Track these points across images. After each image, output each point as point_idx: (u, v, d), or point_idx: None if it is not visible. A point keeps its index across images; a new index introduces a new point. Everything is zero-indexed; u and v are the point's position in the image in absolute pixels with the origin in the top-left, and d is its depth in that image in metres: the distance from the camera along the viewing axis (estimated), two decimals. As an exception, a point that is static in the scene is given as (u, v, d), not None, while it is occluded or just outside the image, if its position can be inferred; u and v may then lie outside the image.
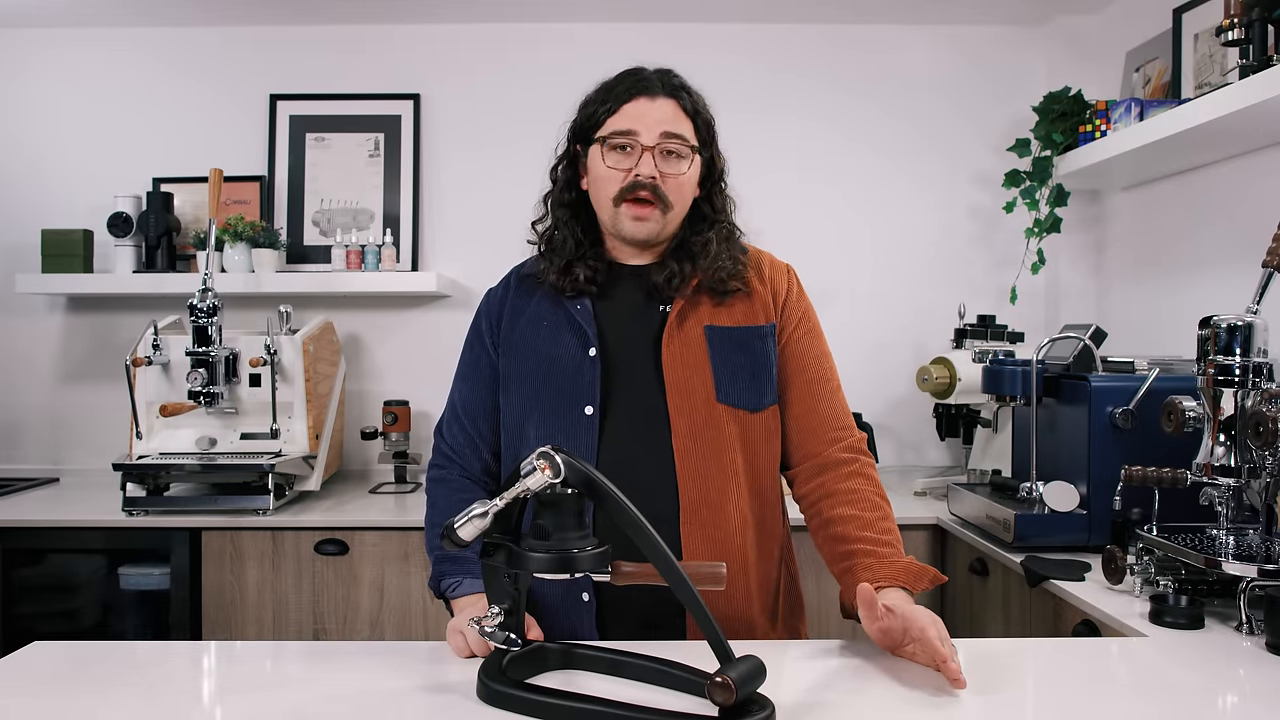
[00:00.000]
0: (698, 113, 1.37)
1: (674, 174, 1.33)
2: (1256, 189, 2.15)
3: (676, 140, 1.33)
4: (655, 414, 1.32)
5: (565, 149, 1.42)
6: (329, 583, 2.27)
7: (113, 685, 1.10)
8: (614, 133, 1.33)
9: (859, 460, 1.37)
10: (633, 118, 1.32)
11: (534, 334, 1.38)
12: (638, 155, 1.31)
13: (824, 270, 2.88)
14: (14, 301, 2.90)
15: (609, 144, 1.33)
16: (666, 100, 1.34)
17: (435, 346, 2.89)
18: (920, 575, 1.25)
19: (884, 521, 1.31)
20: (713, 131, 1.40)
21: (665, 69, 1.38)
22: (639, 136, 1.31)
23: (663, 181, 1.32)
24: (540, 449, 1.00)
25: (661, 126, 1.32)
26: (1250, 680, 1.18)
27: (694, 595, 0.96)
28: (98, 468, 2.75)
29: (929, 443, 2.89)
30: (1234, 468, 1.48)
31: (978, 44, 2.93)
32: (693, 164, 1.35)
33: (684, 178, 1.34)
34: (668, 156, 1.33)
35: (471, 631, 1.16)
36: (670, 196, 1.33)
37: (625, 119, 1.33)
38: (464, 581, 1.31)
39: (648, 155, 1.31)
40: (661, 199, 1.32)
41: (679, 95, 1.35)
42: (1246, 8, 1.86)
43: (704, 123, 1.38)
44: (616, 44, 2.88)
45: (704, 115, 1.38)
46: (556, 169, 1.42)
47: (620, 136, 1.32)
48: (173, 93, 2.93)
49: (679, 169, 1.33)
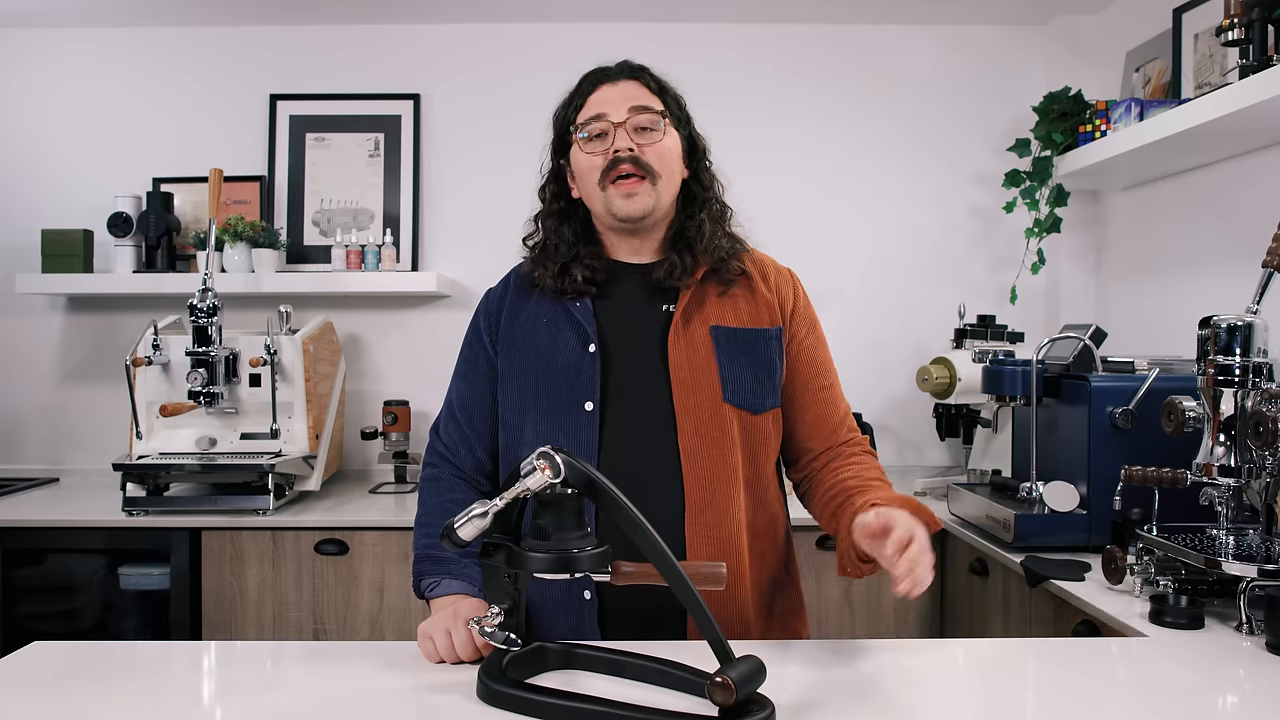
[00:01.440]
0: (664, 90, 1.40)
1: (650, 143, 1.34)
2: (1256, 189, 2.15)
3: (646, 112, 1.35)
4: (659, 412, 1.32)
5: (550, 166, 1.44)
6: (329, 583, 2.27)
7: (113, 685, 1.10)
8: (585, 121, 1.35)
9: (861, 447, 1.43)
10: (599, 104, 1.35)
11: (534, 331, 1.38)
12: (611, 135, 1.33)
13: (824, 270, 2.88)
14: (14, 301, 2.90)
15: (583, 133, 1.35)
16: (629, 81, 1.37)
17: (435, 346, 2.88)
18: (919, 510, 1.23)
19: (884, 481, 1.34)
20: (684, 109, 1.42)
21: (624, 59, 1.41)
22: (608, 116, 1.34)
23: (641, 152, 1.33)
24: (540, 449, 1.00)
25: (628, 103, 1.34)
26: (1250, 680, 1.18)
27: (694, 595, 0.96)
28: (98, 468, 2.75)
29: (929, 443, 2.89)
30: (1234, 468, 1.48)
31: (978, 44, 2.93)
32: (668, 134, 1.37)
33: (662, 145, 1.35)
34: (641, 131, 1.34)
35: (442, 637, 1.17)
36: (654, 165, 1.34)
37: (592, 107, 1.36)
38: (442, 581, 1.30)
39: (621, 131, 1.33)
40: (646, 169, 1.33)
41: (640, 75, 1.39)
42: (1246, 8, 1.86)
43: (672, 99, 1.40)
44: (616, 44, 2.83)
45: (671, 93, 1.41)
46: (544, 189, 1.45)
47: (592, 123, 1.35)
48: (173, 93, 2.93)
49: (654, 138, 1.35)
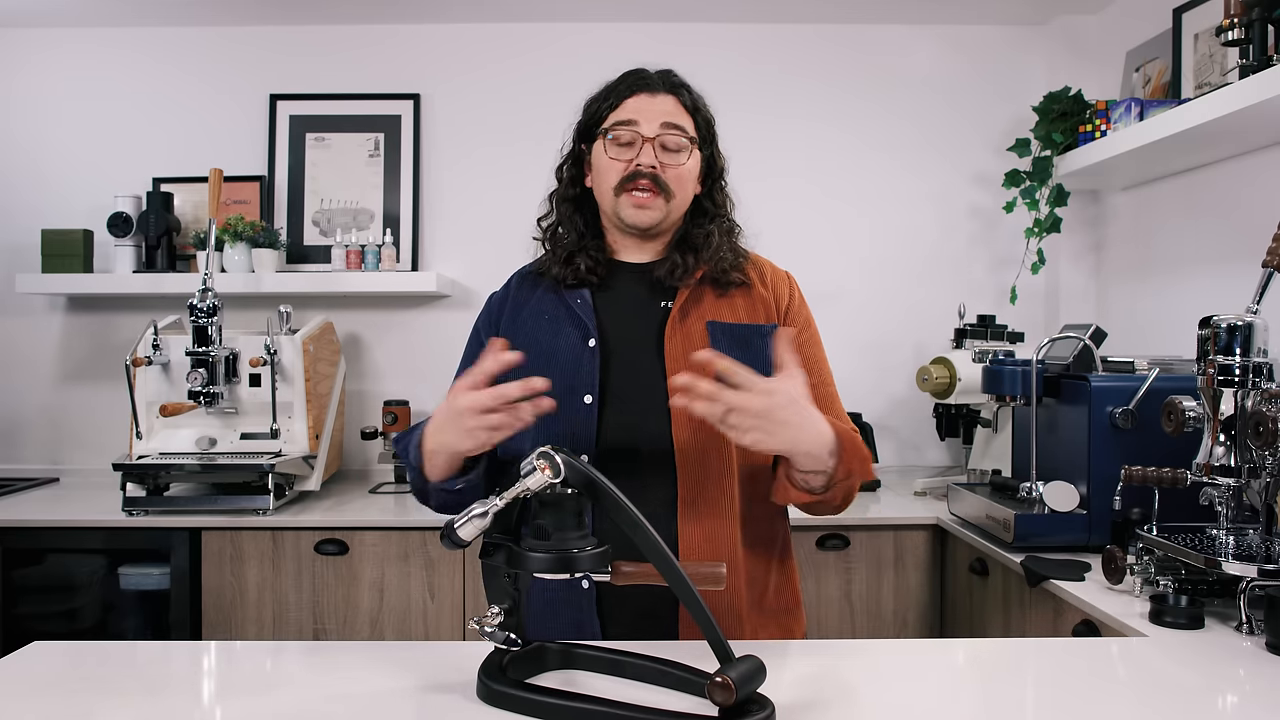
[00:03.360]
0: (697, 110, 1.41)
1: (674, 165, 1.36)
2: (1256, 189, 2.15)
3: (676, 132, 1.36)
4: (656, 405, 1.33)
5: (571, 148, 1.45)
6: (329, 583, 2.27)
7: (113, 685, 1.10)
8: (616, 124, 1.36)
9: None
10: (634, 110, 1.36)
11: (535, 327, 1.40)
12: (639, 146, 1.35)
13: (824, 270, 2.88)
14: (14, 301, 2.90)
15: (611, 136, 1.37)
16: (667, 96, 1.38)
17: (435, 346, 2.89)
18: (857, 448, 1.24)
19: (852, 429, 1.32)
20: (713, 130, 1.44)
21: (666, 69, 1.43)
22: (639, 127, 1.35)
23: (663, 171, 1.35)
24: (540, 449, 1.01)
25: (662, 118, 1.36)
26: (1250, 680, 1.18)
27: (694, 595, 0.96)
28: (98, 468, 2.75)
29: (929, 443, 2.89)
30: (1234, 468, 1.48)
31: (978, 44, 2.93)
32: (692, 156, 1.39)
33: (684, 169, 1.37)
34: (668, 149, 1.36)
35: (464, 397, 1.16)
36: (671, 186, 1.36)
37: (627, 111, 1.37)
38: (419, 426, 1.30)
39: (648, 146, 1.34)
40: (663, 188, 1.35)
41: (679, 92, 1.40)
42: (1246, 8, 1.86)
43: (704, 120, 1.42)
44: (617, 44, 2.89)
45: (704, 113, 1.42)
46: (562, 168, 1.46)
47: (622, 128, 1.36)
48: (173, 93, 2.93)
49: (678, 160, 1.37)
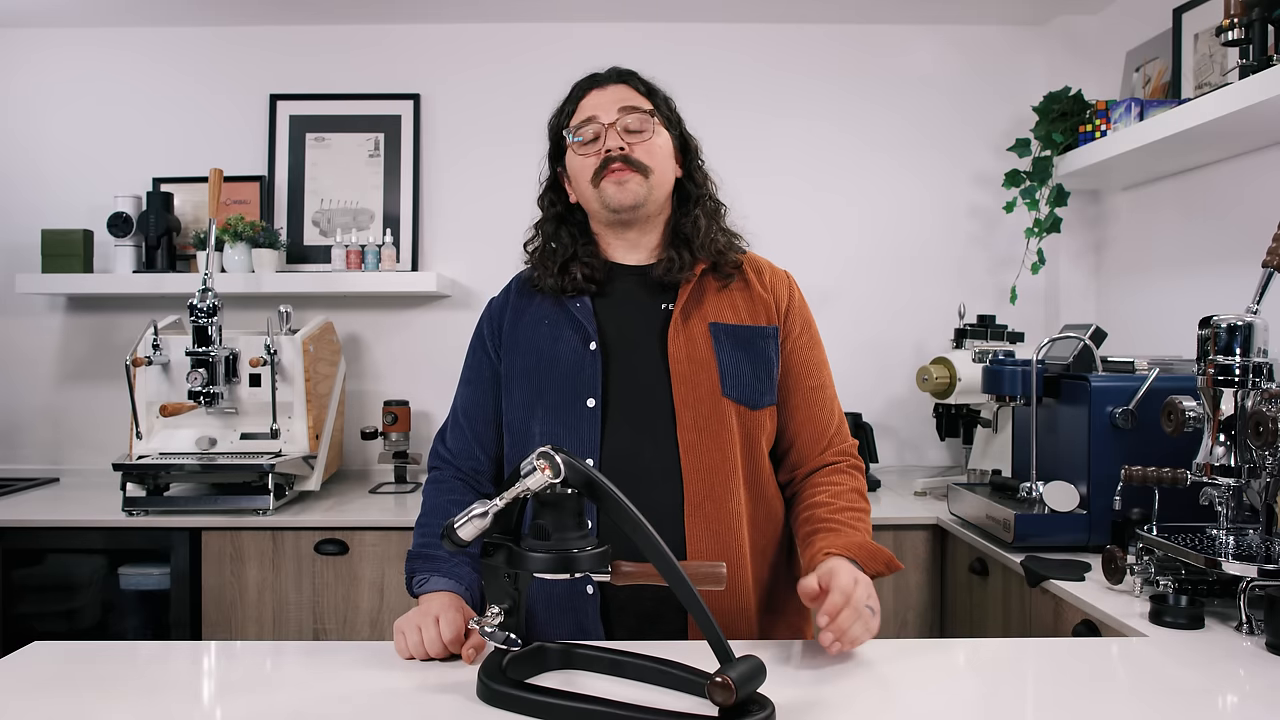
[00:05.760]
0: (653, 91, 1.43)
1: (640, 142, 1.38)
2: (1256, 189, 2.15)
3: (634, 112, 1.38)
4: (659, 407, 1.33)
5: (549, 176, 1.48)
6: (329, 583, 2.27)
7: (113, 685, 1.10)
8: (577, 125, 1.39)
9: (848, 460, 1.44)
10: (590, 107, 1.39)
11: (535, 333, 1.40)
12: (603, 136, 1.37)
13: (824, 270, 2.88)
14: (14, 301, 2.90)
15: (576, 138, 1.39)
16: (618, 85, 1.41)
17: (435, 346, 2.89)
18: (875, 555, 1.28)
19: (854, 510, 1.35)
20: (674, 108, 1.46)
21: (614, 66, 1.45)
22: (599, 118, 1.37)
23: (631, 150, 1.36)
24: (540, 449, 1.01)
25: (617, 104, 1.38)
26: (1250, 680, 1.18)
27: (694, 595, 0.96)
28: (98, 468, 2.75)
29: (929, 443, 2.89)
30: (1234, 468, 1.48)
31: (978, 44, 2.93)
32: (658, 132, 1.40)
33: (652, 143, 1.39)
34: (630, 130, 1.37)
35: (413, 633, 1.19)
36: (644, 160, 1.37)
37: (584, 110, 1.40)
38: (431, 579, 1.31)
39: (611, 131, 1.37)
40: (636, 165, 1.36)
41: (628, 79, 1.42)
42: (1246, 8, 1.86)
43: (662, 99, 1.44)
44: (617, 44, 2.88)
45: (660, 94, 1.45)
46: (543, 198, 1.48)
47: (584, 126, 1.38)
48: (173, 93, 2.93)
49: (644, 137, 1.38)
